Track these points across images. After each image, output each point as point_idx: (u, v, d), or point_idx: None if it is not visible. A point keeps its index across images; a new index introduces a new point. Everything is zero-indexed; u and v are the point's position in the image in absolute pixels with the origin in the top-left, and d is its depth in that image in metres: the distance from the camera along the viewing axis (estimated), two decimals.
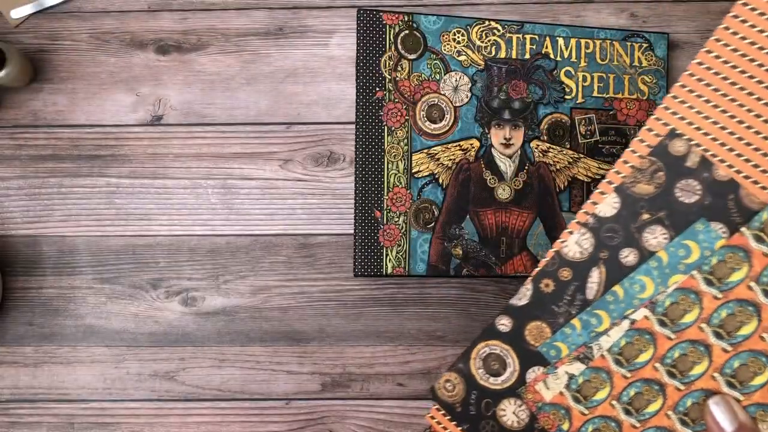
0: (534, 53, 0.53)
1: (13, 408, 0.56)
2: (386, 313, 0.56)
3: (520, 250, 0.52)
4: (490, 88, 0.52)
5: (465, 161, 0.52)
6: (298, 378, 0.56)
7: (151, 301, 0.56)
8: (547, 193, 0.53)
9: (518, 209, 0.53)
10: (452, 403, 0.43)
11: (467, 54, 0.52)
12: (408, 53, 0.52)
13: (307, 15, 0.57)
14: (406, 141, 0.52)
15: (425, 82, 0.52)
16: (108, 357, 0.56)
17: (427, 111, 0.52)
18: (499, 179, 0.52)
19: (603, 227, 0.38)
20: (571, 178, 0.53)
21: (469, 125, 0.52)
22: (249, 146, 0.57)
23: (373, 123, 0.51)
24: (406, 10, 0.55)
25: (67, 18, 0.58)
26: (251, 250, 0.56)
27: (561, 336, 0.40)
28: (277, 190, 0.57)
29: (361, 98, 0.51)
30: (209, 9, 0.58)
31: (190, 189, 0.57)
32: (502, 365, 0.41)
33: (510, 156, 0.53)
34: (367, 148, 0.51)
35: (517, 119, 0.53)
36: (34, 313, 0.56)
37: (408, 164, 0.52)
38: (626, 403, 0.39)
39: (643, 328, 0.38)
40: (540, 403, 0.41)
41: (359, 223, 0.51)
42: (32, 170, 0.57)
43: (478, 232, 0.52)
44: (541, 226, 0.53)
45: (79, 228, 0.56)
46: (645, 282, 0.38)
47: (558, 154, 0.53)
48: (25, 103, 0.57)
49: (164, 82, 0.57)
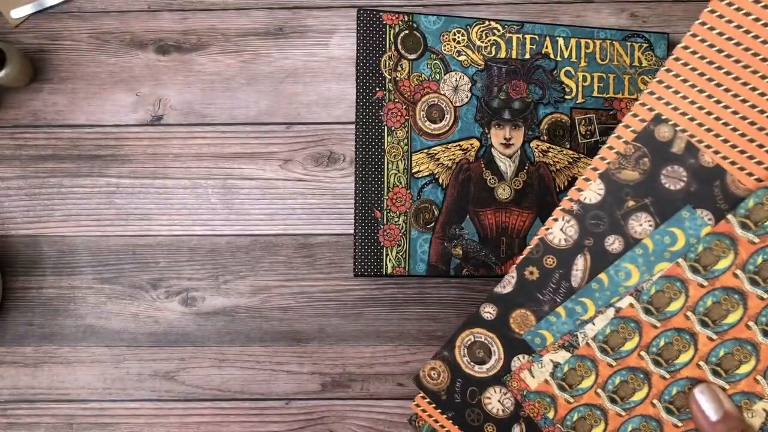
0: (534, 53, 0.53)
1: (12, 408, 0.56)
2: (386, 313, 0.56)
3: (520, 249, 0.52)
4: (490, 88, 0.52)
5: (465, 161, 0.52)
6: (298, 378, 0.56)
7: (151, 301, 0.56)
8: (547, 193, 0.53)
9: (518, 209, 0.53)
10: (437, 391, 0.43)
11: (467, 54, 0.52)
12: (408, 53, 0.52)
13: (307, 15, 0.57)
14: (406, 141, 0.52)
15: (425, 82, 0.52)
16: (108, 357, 0.56)
17: (427, 111, 0.52)
18: (499, 179, 0.52)
19: (588, 214, 0.38)
20: (572, 178, 0.53)
21: (469, 125, 0.52)
22: (249, 146, 0.57)
23: (373, 123, 0.51)
24: (406, 10, 0.55)
25: (67, 18, 0.58)
26: (251, 250, 0.56)
27: (546, 324, 0.40)
28: (277, 190, 0.57)
29: (361, 98, 0.51)
30: (209, 9, 0.58)
31: (190, 189, 0.57)
32: (487, 353, 0.41)
33: (510, 156, 0.53)
34: (367, 148, 0.51)
35: (517, 119, 0.53)
36: (34, 313, 0.56)
37: (408, 164, 0.52)
38: (611, 391, 0.39)
39: (628, 316, 0.38)
40: (525, 391, 0.41)
41: (359, 223, 0.51)
42: (32, 170, 0.57)
43: (478, 232, 0.52)
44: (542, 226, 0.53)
45: (79, 228, 0.56)
46: (630, 270, 0.38)
47: (558, 154, 0.53)
48: (25, 103, 0.57)
49: (164, 82, 0.57)
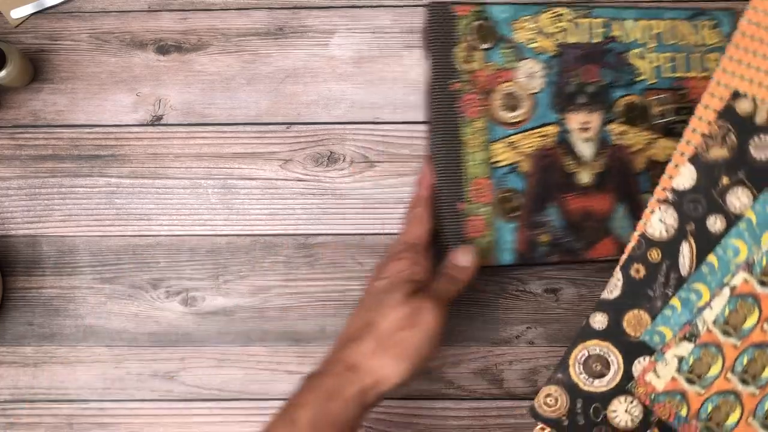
0: (604, 37, 0.53)
1: (12, 408, 0.56)
2: None
3: (605, 234, 0.52)
4: (564, 73, 0.53)
5: (544, 148, 0.52)
6: (298, 378, 0.56)
7: (151, 301, 0.56)
8: (626, 175, 0.53)
9: (600, 193, 0.52)
10: (557, 417, 0.41)
11: (539, 41, 0.53)
12: (481, 43, 0.52)
13: (307, 15, 0.57)
14: (484, 131, 0.52)
15: (499, 71, 0.52)
16: (108, 357, 0.56)
17: (504, 100, 0.52)
18: (579, 164, 0.52)
19: (684, 199, 0.38)
20: (649, 159, 0.53)
21: (545, 112, 0.52)
22: (249, 146, 0.57)
23: (450, 116, 0.51)
24: (476, 0, 0.54)
25: (67, 18, 0.58)
26: (251, 250, 0.56)
27: (662, 320, 0.38)
28: (277, 190, 0.57)
29: (436, 92, 0.51)
30: (209, 9, 0.58)
31: (190, 189, 0.57)
32: (604, 365, 0.40)
33: (588, 140, 0.53)
34: (445, 141, 0.51)
35: (592, 103, 0.53)
36: (34, 313, 0.56)
37: (488, 154, 0.52)
38: (741, 372, 0.38)
39: (744, 292, 0.37)
40: (653, 394, 0.39)
41: (444, 218, 0.51)
42: (32, 170, 0.57)
43: (563, 218, 0.52)
44: (624, 209, 0.53)
45: (79, 228, 0.56)
46: (738, 245, 0.37)
47: (634, 136, 0.53)
48: (25, 103, 0.57)
49: (164, 82, 0.57)
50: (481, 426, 0.55)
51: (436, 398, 0.55)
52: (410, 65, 0.57)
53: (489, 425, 0.55)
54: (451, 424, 0.55)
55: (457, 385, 0.55)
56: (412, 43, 0.57)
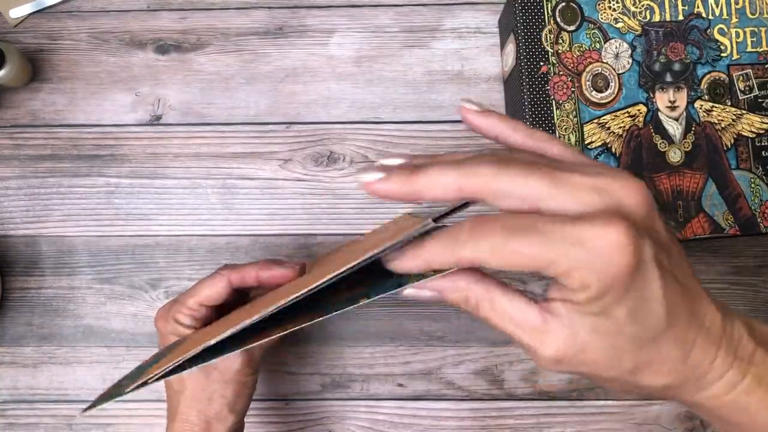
0: (687, 14, 0.54)
1: (11, 409, 0.56)
2: (386, 313, 0.56)
3: (696, 212, 0.53)
4: (650, 52, 0.53)
5: (635, 127, 0.53)
6: (298, 378, 0.56)
7: (151, 301, 0.56)
8: (716, 153, 0.53)
9: (690, 171, 0.53)
10: None
11: (624, 21, 0.53)
12: (567, 25, 0.52)
13: (307, 14, 0.57)
14: (575, 113, 0.52)
15: (587, 52, 0.53)
16: (107, 357, 0.56)
17: (593, 81, 0.52)
18: (669, 143, 0.53)
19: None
20: (737, 135, 0.53)
21: (633, 91, 0.53)
22: (249, 146, 0.57)
23: (541, 98, 0.52)
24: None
25: (66, 18, 0.57)
26: (251, 250, 0.56)
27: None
28: (277, 190, 0.57)
29: (526, 75, 0.52)
30: (209, 8, 0.57)
31: (190, 189, 0.57)
32: None
33: (676, 118, 0.53)
34: (538, 124, 0.52)
35: (679, 81, 0.53)
36: (33, 314, 0.56)
37: (580, 136, 0.52)
38: None
39: None
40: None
41: None
42: (31, 170, 0.57)
43: (655, 197, 0.52)
44: (714, 186, 0.53)
45: (78, 228, 0.56)
46: None
47: (721, 113, 0.53)
48: (24, 103, 0.57)
49: (163, 81, 0.57)
50: (481, 426, 0.55)
51: (436, 399, 0.55)
52: (410, 65, 0.57)
53: (489, 426, 0.55)
54: (451, 424, 0.55)
55: (457, 386, 0.55)
56: (412, 43, 0.57)
